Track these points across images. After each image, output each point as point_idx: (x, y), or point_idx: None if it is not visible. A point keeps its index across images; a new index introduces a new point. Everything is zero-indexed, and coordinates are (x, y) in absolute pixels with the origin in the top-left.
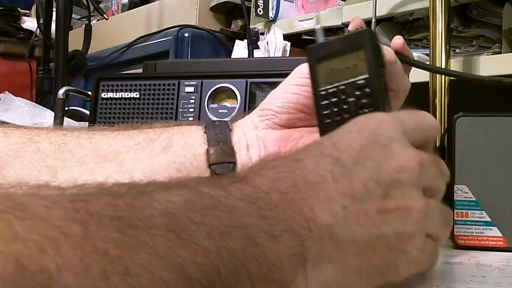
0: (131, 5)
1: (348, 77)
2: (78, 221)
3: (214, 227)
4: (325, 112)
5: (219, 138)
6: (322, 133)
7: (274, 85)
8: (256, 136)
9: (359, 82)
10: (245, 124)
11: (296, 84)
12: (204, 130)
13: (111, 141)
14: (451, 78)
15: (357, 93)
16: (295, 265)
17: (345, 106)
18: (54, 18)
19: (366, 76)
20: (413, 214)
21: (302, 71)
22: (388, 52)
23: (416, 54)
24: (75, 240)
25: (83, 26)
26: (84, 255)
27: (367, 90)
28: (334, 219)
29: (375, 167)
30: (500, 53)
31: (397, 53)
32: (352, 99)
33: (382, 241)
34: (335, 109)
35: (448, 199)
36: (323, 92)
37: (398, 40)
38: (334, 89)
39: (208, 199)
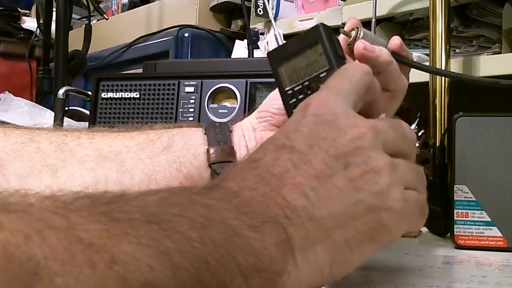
0: (131, 5)
1: (311, 72)
2: (60, 215)
3: (194, 220)
4: (294, 110)
5: (219, 138)
6: None
7: (274, 85)
8: (254, 138)
9: (321, 75)
10: (244, 126)
11: None
12: (204, 131)
13: (112, 142)
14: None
15: (322, 85)
16: (283, 252)
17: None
18: (54, 18)
19: (326, 67)
20: (382, 171)
21: None
22: (382, 52)
23: (416, 54)
24: (59, 231)
25: (83, 26)
26: (70, 245)
27: None
28: (307, 201)
29: (330, 143)
30: (500, 53)
31: (394, 53)
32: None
33: (360, 206)
34: None
35: (448, 199)
36: (289, 92)
37: (395, 40)
38: (300, 87)
39: (183, 198)
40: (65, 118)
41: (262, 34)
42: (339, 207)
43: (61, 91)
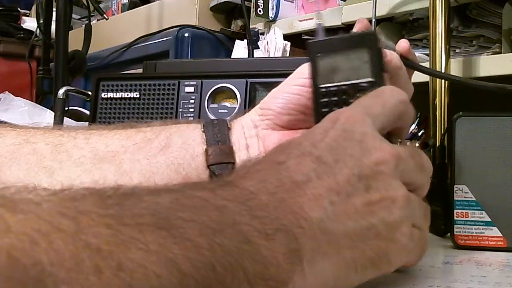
0: (131, 5)
1: (351, 78)
2: (69, 217)
3: (205, 224)
4: (324, 110)
5: (218, 137)
6: None
7: (274, 85)
8: (256, 136)
9: (362, 84)
10: (245, 122)
11: (298, 85)
12: (202, 129)
13: (109, 141)
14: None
15: (359, 95)
16: (291, 262)
17: (345, 107)
18: (54, 18)
19: (369, 79)
20: (397, 203)
21: (304, 71)
22: (393, 57)
23: (416, 54)
24: (67, 235)
25: (83, 26)
26: (77, 250)
27: None
28: (324, 214)
29: (355, 162)
30: (500, 53)
31: (402, 57)
32: (353, 100)
33: (372, 231)
34: (335, 109)
35: (448, 199)
36: (323, 90)
37: (403, 44)
38: (335, 88)
39: (196, 199)
40: (65, 118)
41: (262, 34)
42: (353, 227)
43: (61, 91)
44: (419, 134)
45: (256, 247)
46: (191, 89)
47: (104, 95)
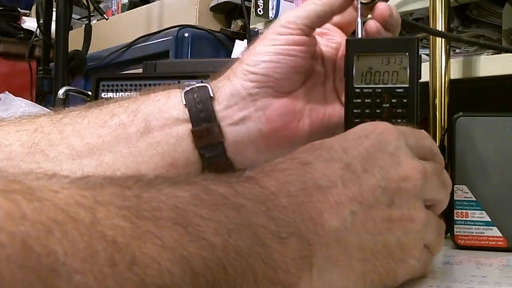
0: (131, 5)
1: (387, 82)
2: (86, 207)
3: (221, 223)
4: (355, 111)
5: (203, 116)
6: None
7: None
8: (254, 105)
9: (398, 90)
10: (234, 89)
11: (291, 44)
12: (183, 102)
13: (83, 133)
14: (451, 78)
15: (394, 100)
16: (300, 268)
17: (378, 111)
18: (54, 18)
19: (406, 86)
20: (415, 225)
21: (289, 23)
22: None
23: None
24: (83, 226)
25: (83, 26)
26: (92, 241)
27: (405, 100)
28: (342, 224)
29: (383, 174)
30: (500, 53)
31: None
32: (387, 105)
33: (386, 249)
34: (367, 111)
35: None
36: (357, 90)
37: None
38: (370, 90)
39: (216, 196)
40: None
41: (262, 34)
42: (369, 241)
43: (61, 91)
44: None
45: (268, 250)
46: None
47: (104, 95)
